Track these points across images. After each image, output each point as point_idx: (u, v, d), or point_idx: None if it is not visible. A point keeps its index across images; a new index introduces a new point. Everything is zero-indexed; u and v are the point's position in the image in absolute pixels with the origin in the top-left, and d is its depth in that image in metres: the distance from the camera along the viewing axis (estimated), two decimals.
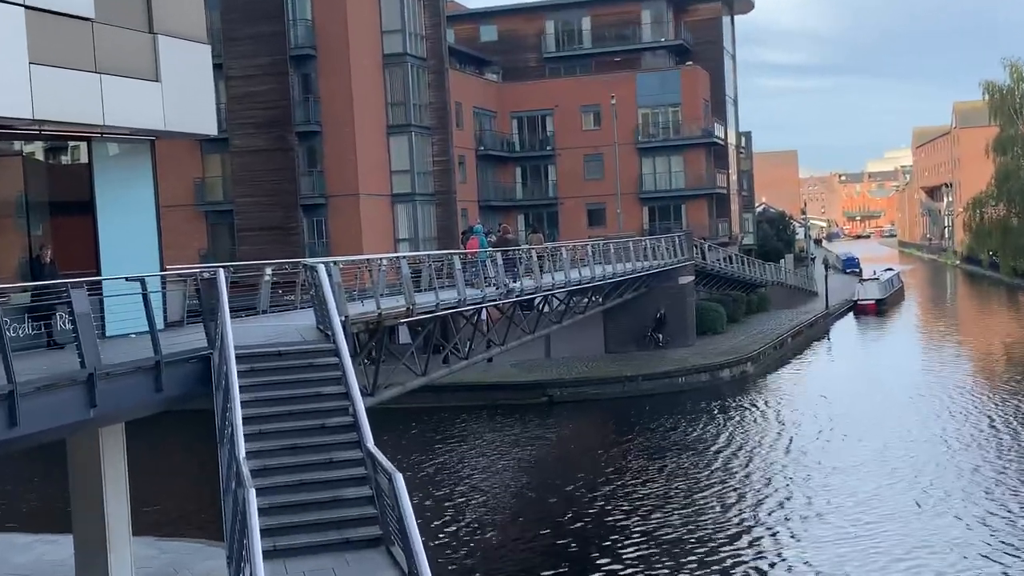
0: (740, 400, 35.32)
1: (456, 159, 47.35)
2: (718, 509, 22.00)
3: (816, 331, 53.35)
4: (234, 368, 11.78)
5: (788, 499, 22.59)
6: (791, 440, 28.56)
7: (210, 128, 17.16)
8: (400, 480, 9.10)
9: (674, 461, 26.36)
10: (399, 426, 32.51)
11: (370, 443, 10.94)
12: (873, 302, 61.78)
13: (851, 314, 61.67)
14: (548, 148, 56.49)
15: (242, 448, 10.52)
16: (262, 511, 9.80)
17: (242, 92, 40.34)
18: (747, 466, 25.68)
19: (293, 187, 40.41)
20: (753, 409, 33.50)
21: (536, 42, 59.59)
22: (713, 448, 27.76)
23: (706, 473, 25.03)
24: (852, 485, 23.47)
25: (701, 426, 30.86)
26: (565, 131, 56.03)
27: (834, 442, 27.95)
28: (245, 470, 9.77)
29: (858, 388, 36.71)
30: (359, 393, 11.97)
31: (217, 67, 27.47)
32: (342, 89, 40.64)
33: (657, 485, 24.11)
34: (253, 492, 8.93)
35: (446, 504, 23.43)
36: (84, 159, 15.90)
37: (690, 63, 58.58)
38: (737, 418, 32.02)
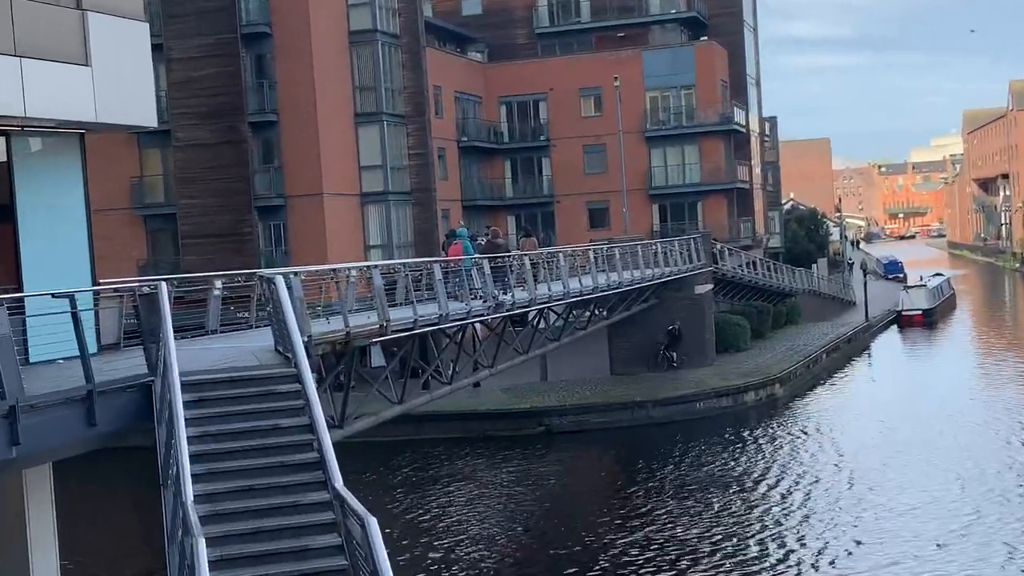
0: (768, 428, 35.40)
1: (435, 152, 47.43)
2: (753, 559, 21.73)
3: (855, 347, 53.54)
4: (179, 398, 11.76)
5: (836, 548, 22.21)
6: (830, 476, 28.54)
7: (149, 119, 17.15)
8: (374, 525, 9.05)
9: (695, 503, 26.35)
10: (373, 463, 32.45)
11: (339, 483, 10.93)
12: (920, 312, 62.04)
13: (895, 327, 61.97)
14: (542, 138, 56.69)
15: (189, 491, 10.50)
16: (213, 564, 9.76)
17: (186, 77, 40.38)
18: (784, 509, 25.44)
19: (246, 186, 40.46)
20: (784, 439, 33.58)
21: (527, 15, 59.84)
22: (738, 487, 27.74)
23: (733, 518, 24.90)
24: (915, 528, 23.17)
25: (723, 460, 30.91)
26: (561, 118, 56.24)
27: (882, 478, 27.81)
28: (193, 516, 9.74)
29: (905, 413, 36.84)
30: (325, 425, 11.97)
31: (156, 48, 27.48)
32: (302, 72, 40.73)
33: (678, 530, 24.05)
34: (203, 542, 8.89)
35: (429, 555, 23.38)
36: (2, 156, 15.87)
37: (705, 38, 58.95)
38: (766, 450, 32.10)
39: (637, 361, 41.71)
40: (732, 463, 30.51)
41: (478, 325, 26.44)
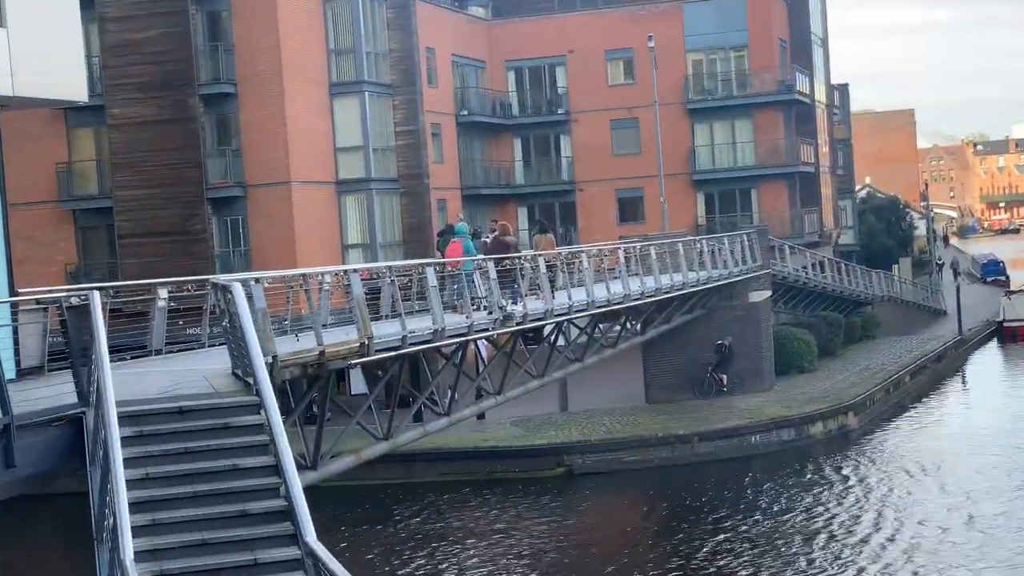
0: (840, 468, 35.38)
1: (428, 130, 47.50)
2: None
3: (945, 366, 53.47)
4: (116, 433, 11.78)
5: None
6: (922, 530, 28.28)
7: (78, 92, 17.20)
8: None
9: (753, 564, 26.27)
10: (352, 512, 32.46)
11: (311, 537, 10.96)
12: None
13: (995, 341, 61.87)
14: (560, 112, 56.77)
15: (129, 546, 10.51)
16: None
17: (123, 40, 40.53)
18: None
19: (197, 174, 40.60)
20: (861, 482, 33.52)
21: None
22: (810, 545, 27.48)
23: None
24: None
25: (787, 509, 30.85)
26: (584, 87, 56.32)
27: (992, 535, 27.38)
28: None
29: (1011, 448, 36.71)
30: (294, 466, 12.02)
31: (86, 5, 27.60)
32: (265, 33, 40.87)
33: None
34: None
35: None
36: None
37: None
38: (840, 496, 31.99)
39: (678, 386, 41.66)
40: (798, 514, 30.42)
41: (482, 343, 26.54)
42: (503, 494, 34.00)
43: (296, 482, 11.70)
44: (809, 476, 34.31)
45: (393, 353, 19.81)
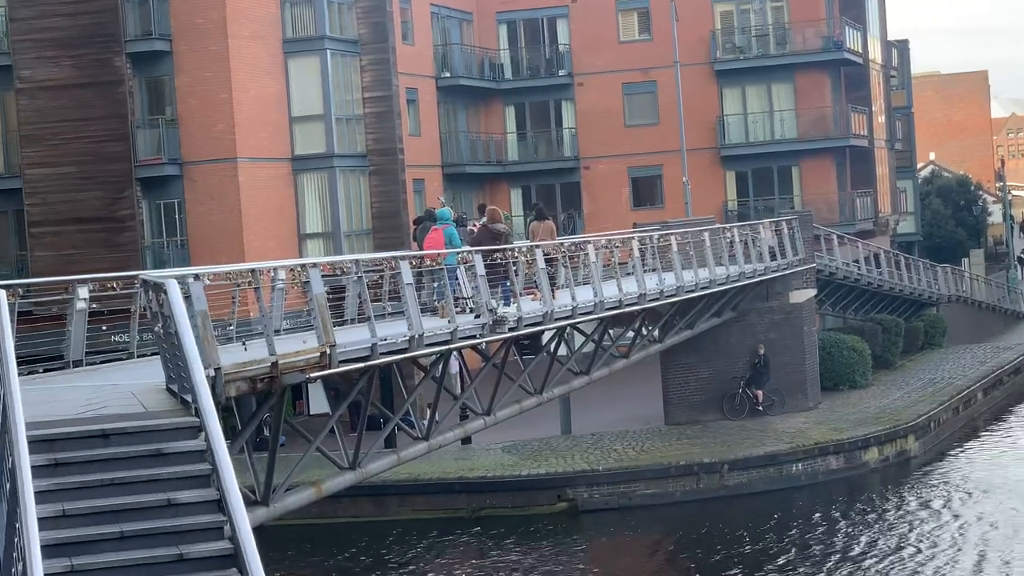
0: (900, 503, 35.36)
1: (403, 95, 47.45)
2: None
3: None
4: (26, 462, 11.73)
5: None
6: None
7: None
8: None
9: None
10: (312, 556, 32.38)
11: None
12: None
13: None
14: (562, 73, 56.80)
15: None
16: None
17: None
18: None
19: (124, 148, 40.62)
20: (926, 521, 33.55)
21: None
22: None
23: None
24: None
25: (839, 555, 30.80)
26: (590, 44, 56.38)
27: None
28: None
29: None
30: (242, 502, 11.95)
31: None
32: None
33: None
34: None
35: None
36: None
37: None
38: (902, 538, 31.97)
39: (704, 404, 41.71)
40: (855, 557, 30.38)
41: (468, 352, 26.50)
42: (493, 535, 33.96)
43: (244, 520, 11.65)
44: (863, 514, 34.31)
45: (360, 365, 19.83)
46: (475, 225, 28.11)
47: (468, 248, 24.74)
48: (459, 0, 55.39)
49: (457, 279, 23.96)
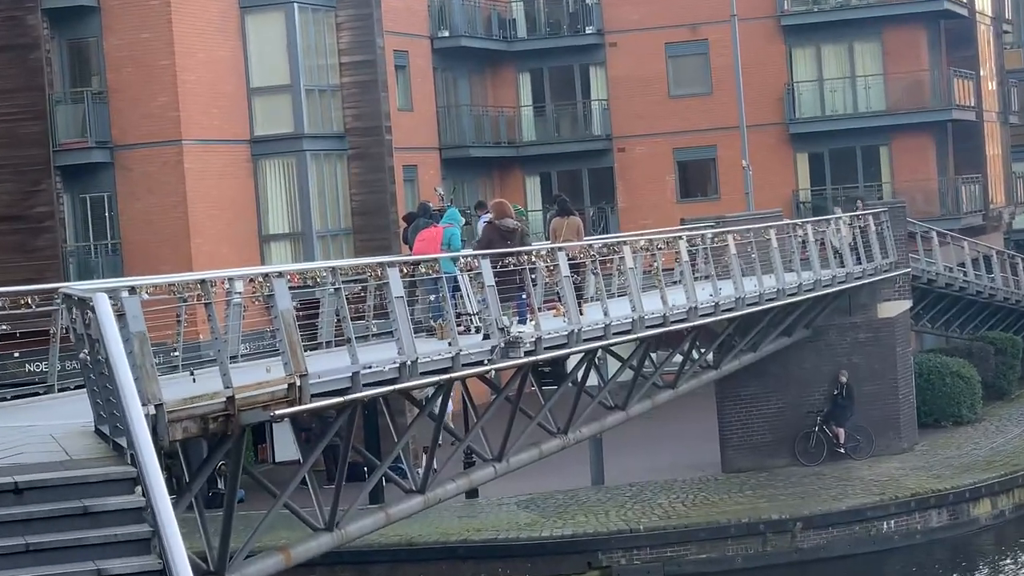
0: (1018, 570, 35.31)
1: (390, 60, 47.36)
2: None
3: None
4: None
5: None
6: None
7: None
8: None
9: None
10: None
11: None
12: None
13: None
14: (589, 30, 56.85)
15: None
16: None
17: None
18: None
19: (41, 129, 40.71)
20: None
21: None
22: None
23: None
24: None
25: None
26: None
27: None
28: None
29: None
30: (190, 573, 12.20)
31: None
32: None
33: None
34: None
35: None
36: None
37: None
38: None
39: (771, 446, 41.72)
40: None
41: (474, 382, 26.38)
42: None
43: None
44: None
45: (339, 399, 19.88)
46: (479, 219, 28.07)
47: (472, 252, 24.76)
48: None
49: (460, 291, 23.90)
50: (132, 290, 15.68)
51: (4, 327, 20.72)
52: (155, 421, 15.01)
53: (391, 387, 21.09)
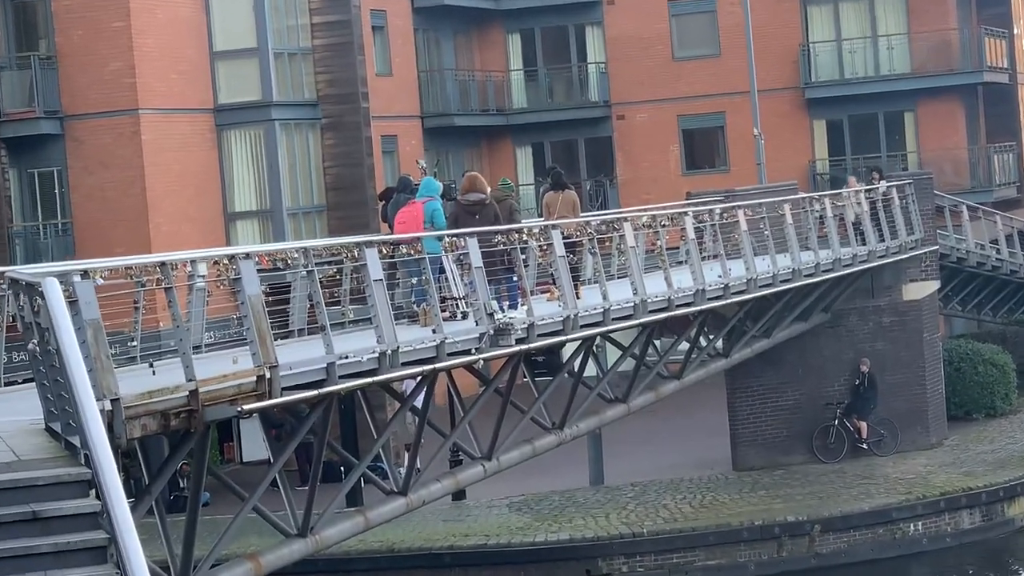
0: None
1: (367, 19, 47.45)
2: None
3: None
4: None
5: None
6: None
7: None
8: None
9: None
10: None
11: None
12: None
13: None
14: None
15: None
16: None
17: None
18: None
19: None
20: None
21: None
22: None
23: None
24: None
25: None
26: None
27: None
28: None
29: None
30: None
31: None
32: None
33: None
34: None
35: None
36: None
37: None
38: None
39: (787, 441, 41.75)
40: None
41: (461, 373, 26.51)
42: None
43: None
44: None
45: (312, 393, 19.74)
46: (461, 196, 27.99)
47: (457, 231, 24.64)
48: None
49: (444, 273, 23.92)
50: (85, 274, 15.59)
51: None
52: (111, 417, 14.91)
53: (370, 379, 20.89)
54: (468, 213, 26.24)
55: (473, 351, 23.56)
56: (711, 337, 35.34)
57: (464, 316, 23.90)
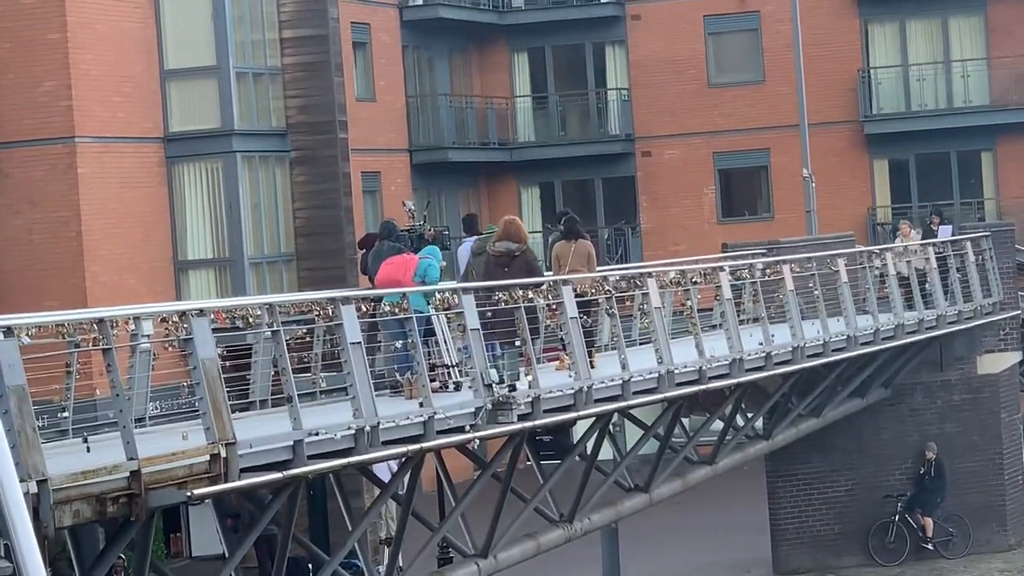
0: None
1: (347, 34, 47.59)
2: None
3: None
4: None
5: None
6: None
7: None
8: None
9: None
10: None
11: None
12: None
13: None
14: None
15: None
16: None
17: None
18: None
19: None
20: None
21: None
22: None
23: None
24: None
25: None
26: None
27: None
28: None
29: None
30: None
31: None
32: None
33: None
34: None
35: None
36: None
37: None
38: None
39: (839, 540, 41.88)
40: None
41: (453, 454, 26.38)
42: None
43: None
44: None
45: (276, 475, 19.97)
46: (470, 240, 28.17)
47: (451, 285, 25.04)
48: None
49: (436, 335, 23.86)
50: (9, 331, 15.90)
51: None
52: (37, 502, 15.13)
53: (344, 460, 21.11)
54: (497, 266, 26.59)
55: (467, 428, 23.75)
56: (749, 415, 35.46)
57: (457, 387, 24.14)
